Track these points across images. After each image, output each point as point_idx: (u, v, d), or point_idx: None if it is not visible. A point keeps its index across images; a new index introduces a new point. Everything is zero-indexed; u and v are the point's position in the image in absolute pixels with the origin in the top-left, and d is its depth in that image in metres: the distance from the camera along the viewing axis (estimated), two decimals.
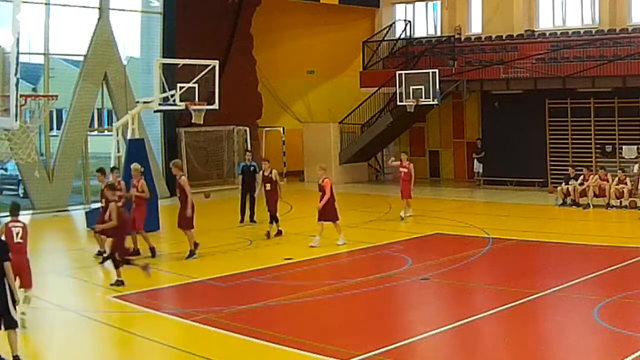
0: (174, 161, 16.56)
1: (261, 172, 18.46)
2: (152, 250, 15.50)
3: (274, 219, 17.87)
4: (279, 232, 17.96)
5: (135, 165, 16.18)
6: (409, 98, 25.92)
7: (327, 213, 16.50)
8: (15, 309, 9.06)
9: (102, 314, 11.66)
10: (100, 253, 15.29)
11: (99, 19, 24.58)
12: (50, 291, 13.15)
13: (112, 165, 18.26)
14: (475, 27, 29.83)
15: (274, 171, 18.19)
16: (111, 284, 13.14)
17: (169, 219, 18.78)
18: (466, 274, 14.13)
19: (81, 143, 24.61)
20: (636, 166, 22.47)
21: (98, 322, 11.35)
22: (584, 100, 25.00)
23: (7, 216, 11.34)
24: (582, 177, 21.86)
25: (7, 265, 9.04)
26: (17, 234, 11.05)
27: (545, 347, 9.50)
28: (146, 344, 10.20)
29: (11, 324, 8.99)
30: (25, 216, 22.20)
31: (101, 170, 16.44)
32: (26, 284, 10.88)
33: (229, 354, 9.71)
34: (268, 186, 17.97)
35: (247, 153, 21.91)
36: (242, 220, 19.85)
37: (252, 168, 20.24)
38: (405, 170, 20.50)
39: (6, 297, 8.96)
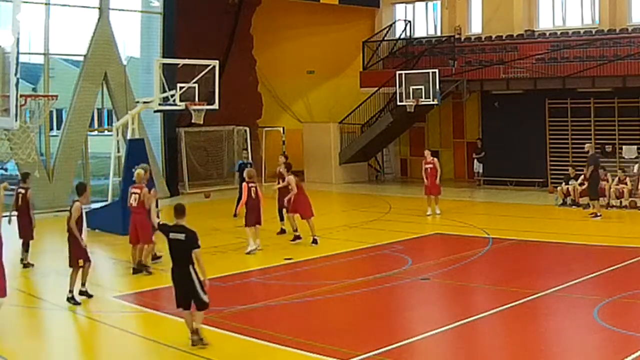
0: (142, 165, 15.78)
1: (277, 169, 18.64)
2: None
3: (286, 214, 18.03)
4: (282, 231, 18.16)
5: (139, 171, 14.96)
6: (409, 98, 25.92)
7: (248, 216, 16.10)
8: (204, 291, 9.69)
9: (102, 314, 11.66)
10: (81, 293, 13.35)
11: (99, 19, 24.56)
12: (51, 291, 13.15)
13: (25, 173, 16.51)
14: (475, 27, 29.81)
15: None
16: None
17: (170, 219, 18.71)
18: (466, 274, 14.13)
19: (81, 143, 24.59)
20: (636, 166, 22.48)
21: (98, 322, 11.35)
22: (584, 100, 24.98)
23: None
24: (582, 177, 21.85)
25: (197, 252, 9.72)
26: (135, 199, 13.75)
27: (545, 347, 9.50)
28: (146, 344, 10.20)
29: (202, 306, 9.74)
30: None
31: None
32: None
33: (229, 354, 9.71)
34: (280, 182, 18.11)
35: (244, 151, 22.90)
36: (235, 215, 20.09)
37: (249, 165, 20.58)
38: (431, 166, 20.57)
39: (193, 283, 9.65)
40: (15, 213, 14.91)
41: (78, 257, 12.05)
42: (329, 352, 9.29)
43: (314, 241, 16.69)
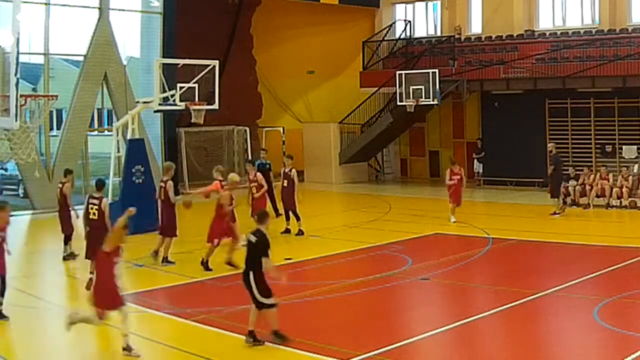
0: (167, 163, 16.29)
1: (282, 169, 18.68)
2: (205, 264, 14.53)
3: (294, 215, 18.00)
4: (300, 232, 18.00)
5: (233, 176, 15.17)
6: (409, 98, 25.90)
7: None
8: (261, 295, 9.82)
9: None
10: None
11: (99, 19, 24.56)
12: (51, 291, 13.15)
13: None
14: (475, 27, 29.82)
15: (293, 170, 18.36)
16: None
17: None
18: (466, 274, 14.13)
19: (81, 143, 24.59)
20: (636, 166, 22.50)
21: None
22: (584, 100, 24.98)
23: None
24: (582, 177, 21.87)
25: (266, 260, 9.97)
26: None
27: (545, 347, 9.51)
28: (146, 344, 10.20)
29: (260, 306, 9.84)
30: (25, 216, 22.28)
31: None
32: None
33: (228, 353, 9.71)
34: (285, 183, 18.18)
35: (262, 151, 22.60)
36: (277, 216, 19.53)
37: (267, 166, 20.47)
38: (459, 177, 20.21)
39: (251, 287, 9.86)
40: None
41: None
42: (329, 352, 9.29)
43: (203, 262, 14.57)
